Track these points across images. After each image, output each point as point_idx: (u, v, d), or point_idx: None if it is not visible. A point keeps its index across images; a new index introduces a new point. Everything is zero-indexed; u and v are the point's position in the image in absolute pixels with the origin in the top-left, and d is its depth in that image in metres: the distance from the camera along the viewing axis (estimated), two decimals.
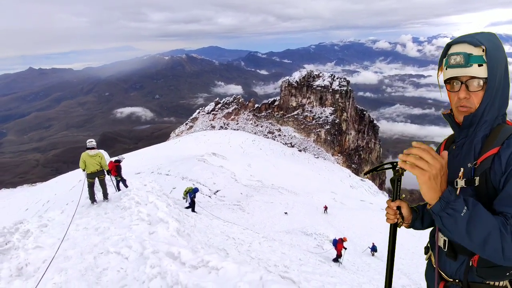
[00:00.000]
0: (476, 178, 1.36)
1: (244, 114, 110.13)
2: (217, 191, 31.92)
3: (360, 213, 32.80)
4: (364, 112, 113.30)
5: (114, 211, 8.60)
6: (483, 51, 1.34)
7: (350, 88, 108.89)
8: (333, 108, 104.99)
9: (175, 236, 6.62)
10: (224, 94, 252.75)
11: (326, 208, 29.73)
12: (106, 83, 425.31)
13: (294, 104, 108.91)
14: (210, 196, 29.68)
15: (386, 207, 1.63)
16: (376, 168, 1.69)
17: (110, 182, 11.67)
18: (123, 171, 14.09)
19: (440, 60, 1.48)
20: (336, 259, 14.22)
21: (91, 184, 9.47)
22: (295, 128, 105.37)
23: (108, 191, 10.05)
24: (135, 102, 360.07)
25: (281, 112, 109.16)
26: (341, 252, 14.26)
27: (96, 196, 9.76)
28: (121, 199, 9.39)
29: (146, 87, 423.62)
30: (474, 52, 1.34)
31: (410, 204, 1.69)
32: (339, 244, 14.28)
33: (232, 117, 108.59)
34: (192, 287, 4.23)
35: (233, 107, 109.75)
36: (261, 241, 11.44)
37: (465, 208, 1.20)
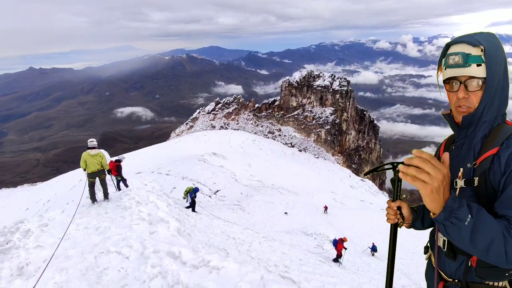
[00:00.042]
0: (476, 179, 1.35)
1: (245, 114, 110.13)
2: (217, 191, 31.95)
3: (360, 213, 32.79)
4: (365, 112, 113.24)
5: (115, 210, 8.61)
6: (482, 51, 1.33)
7: (350, 88, 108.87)
8: (333, 108, 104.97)
9: (176, 235, 6.63)
10: (225, 94, 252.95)
11: (326, 208, 29.74)
12: (106, 83, 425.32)
13: (295, 104, 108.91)
14: (210, 196, 29.70)
15: (387, 207, 1.62)
16: (376, 169, 1.68)
17: (110, 181, 11.68)
18: (123, 170, 14.10)
19: (440, 60, 1.48)
20: (336, 259, 14.22)
21: (92, 184, 9.49)
22: (295, 128, 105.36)
23: (109, 190, 10.08)
24: (135, 102, 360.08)
25: (281, 112, 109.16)
26: (341, 252, 14.26)
27: (97, 195, 9.78)
28: (121, 198, 9.41)
29: (147, 87, 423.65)
30: (473, 52, 1.34)
31: (411, 204, 1.68)
32: (339, 244, 14.28)
33: (233, 117, 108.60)
34: (193, 286, 4.23)
35: (233, 107, 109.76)
36: (261, 241, 11.44)
37: (469, 216, 1.17)
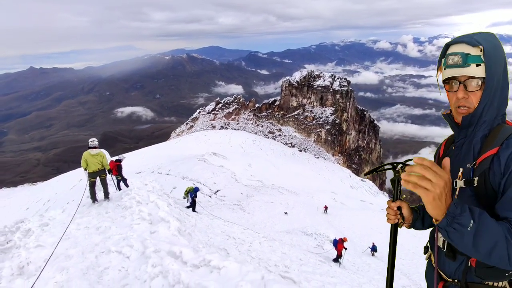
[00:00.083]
0: (475, 179, 1.35)
1: (245, 114, 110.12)
2: (217, 191, 31.96)
3: (360, 213, 32.80)
4: (365, 112, 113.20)
5: (115, 210, 8.62)
6: (481, 51, 1.33)
7: (350, 88, 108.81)
8: (333, 108, 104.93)
9: (176, 235, 6.64)
10: (225, 94, 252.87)
11: (326, 208, 29.75)
12: (106, 83, 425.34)
13: (295, 104, 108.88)
14: (210, 196, 29.71)
15: (387, 208, 1.62)
16: (377, 169, 1.68)
17: (110, 181, 11.70)
18: (123, 170, 14.12)
19: (439, 61, 1.48)
20: (336, 259, 14.23)
21: (93, 183, 9.51)
22: (295, 128, 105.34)
23: (109, 190, 10.09)
24: (135, 102, 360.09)
25: (281, 112, 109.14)
26: (341, 252, 14.27)
27: (97, 195, 9.79)
28: (122, 198, 9.42)
29: (147, 87, 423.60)
30: (472, 52, 1.34)
31: (411, 205, 1.68)
32: (339, 244, 14.29)
33: (233, 117, 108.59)
34: (194, 286, 4.24)
35: (233, 107, 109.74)
36: (261, 241, 11.45)
37: (471, 222, 1.16)
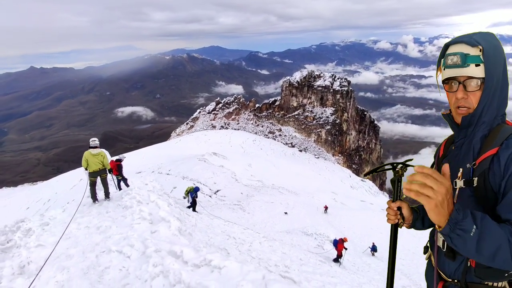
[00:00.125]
0: (475, 179, 1.35)
1: (245, 114, 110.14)
2: (217, 191, 31.98)
3: (360, 213, 32.78)
4: (365, 113, 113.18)
5: (116, 210, 8.63)
6: (480, 51, 1.33)
7: (351, 88, 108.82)
8: (334, 108, 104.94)
9: (177, 235, 6.65)
10: (225, 94, 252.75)
11: (326, 208, 29.75)
12: (107, 83, 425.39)
13: (295, 104, 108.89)
14: (210, 196, 29.73)
15: (387, 208, 1.62)
16: (377, 169, 1.68)
17: (111, 181, 11.72)
18: (124, 170, 14.12)
19: (439, 61, 1.47)
20: (336, 259, 14.24)
21: (93, 183, 9.53)
22: (295, 128, 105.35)
23: (110, 190, 10.11)
24: (136, 102, 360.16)
25: (281, 112, 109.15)
26: (341, 252, 14.27)
27: (98, 195, 9.81)
28: (122, 198, 9.43)
29: (147, 87, 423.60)
30: (471, 52, 1.33)
31: (411, 205, 1.67)
32: (339, 244, 14.29)
33: (233, 117, 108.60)
34: (194, 285, 4.25)
35: (234, 107, 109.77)
36: (261, 241, 11.45)
37: (474, 227, 1.17)
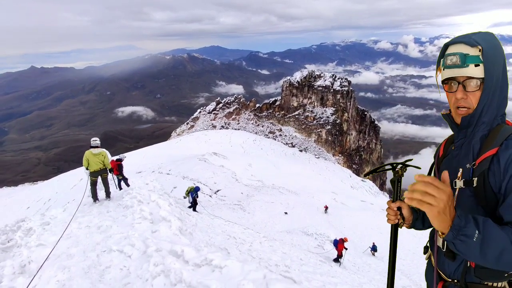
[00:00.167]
0: (474, 179, 1.35)
1: (245, 114, 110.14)
2: (217, 191, 31.99)
3: (360, 213, 32.76)
4: (365, 113, 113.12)
5: (116, 209, 8.65)
6: (480, 51, 1.33)
7: (351, 88, 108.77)
8: (334, 109, 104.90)
9: (178, 234, 6.66)
10: (225, 93, 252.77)
11: (326, 208, 29.74)
12: (107, 82, 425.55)
13: (295, 104, 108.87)
14: (210, 196, 29.75)
15: (387, 208, 1.62)
16: (377, 169, 1.68)
17: (111, 180, 11.74)
18: (124, 170, 14.14)
19: (438, 61, 1.47)
20: (336, 259, 14.25)
21: (94, 183, 9.54)
22: (296, 128, 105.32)
23: (110, 189, 10.13)
24: (136, 101, 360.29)
25: (282, 112, 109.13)
26: (341, 252, 14.29)
27: (98, 194, 9.82)
28: (123, 197, 9.44)
29: (148, 87, 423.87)
30: (471, 52, 1.33)
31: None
32: (339, 244, 14.30)
33: (233, 116, 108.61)
34: (195, 285, 4.26)
35: (234, 107, 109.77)
36: (262, 240, 11.46)
37: (476, 232, 1.17)
